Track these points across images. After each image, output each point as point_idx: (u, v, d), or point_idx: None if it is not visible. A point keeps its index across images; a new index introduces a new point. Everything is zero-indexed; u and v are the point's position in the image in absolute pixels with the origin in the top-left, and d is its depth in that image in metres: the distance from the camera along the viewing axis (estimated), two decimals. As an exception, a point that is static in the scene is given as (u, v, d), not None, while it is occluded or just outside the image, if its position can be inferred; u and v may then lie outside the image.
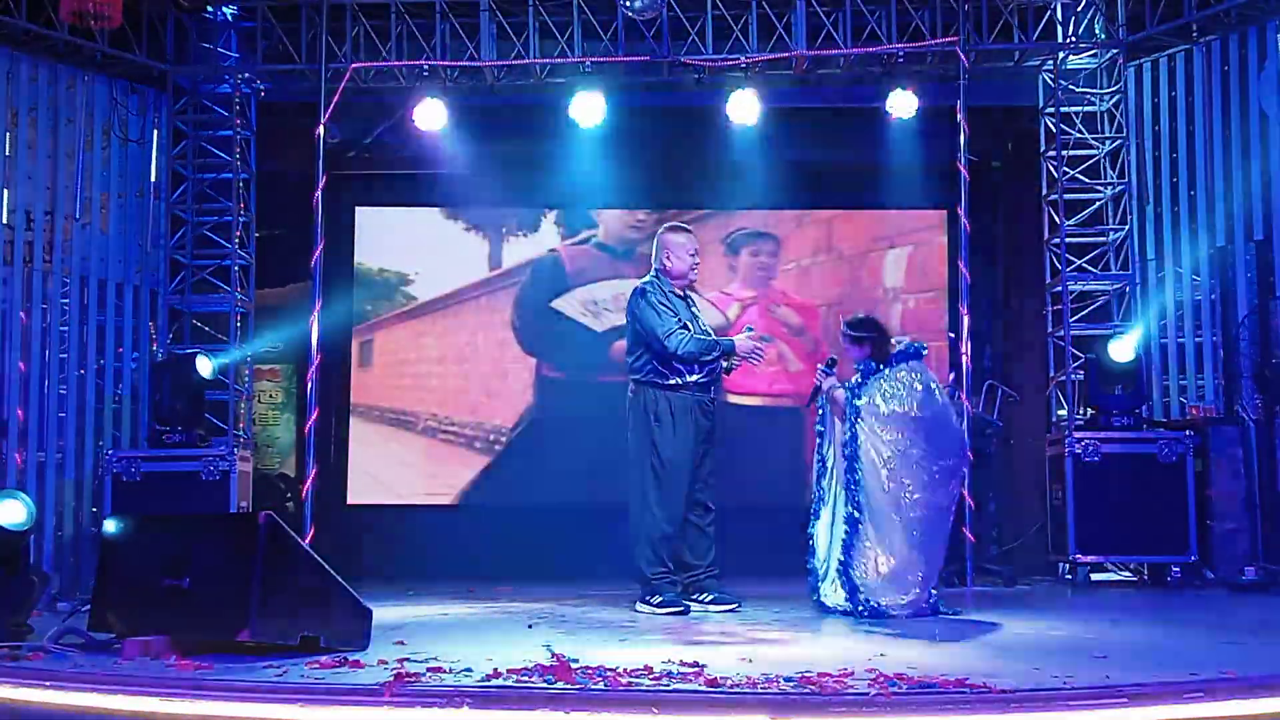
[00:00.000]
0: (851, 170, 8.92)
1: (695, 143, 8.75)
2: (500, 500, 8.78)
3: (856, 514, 5.44)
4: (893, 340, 5.69)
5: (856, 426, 5.45)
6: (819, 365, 5.79)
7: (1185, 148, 7.69)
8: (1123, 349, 7.26)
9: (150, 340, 7.93)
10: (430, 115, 8.01)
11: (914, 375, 5.47)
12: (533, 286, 9.08)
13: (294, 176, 8.21)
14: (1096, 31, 7.87)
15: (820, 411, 5.81)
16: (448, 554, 8.45)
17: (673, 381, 5.78)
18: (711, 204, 8.98)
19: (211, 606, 3.92)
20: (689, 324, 5.82)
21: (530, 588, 7.16)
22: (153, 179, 8.05)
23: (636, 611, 5.69)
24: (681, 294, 5.93)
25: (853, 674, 3.35)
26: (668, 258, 5.93)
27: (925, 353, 5.60)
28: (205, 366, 7.44)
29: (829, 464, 5.72)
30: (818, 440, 5.82)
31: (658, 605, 5.65)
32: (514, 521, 8.71)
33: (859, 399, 5.48)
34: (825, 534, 5.70)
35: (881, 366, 5.54)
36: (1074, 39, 7.86)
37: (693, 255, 5.95)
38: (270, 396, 9.23)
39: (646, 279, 5.98)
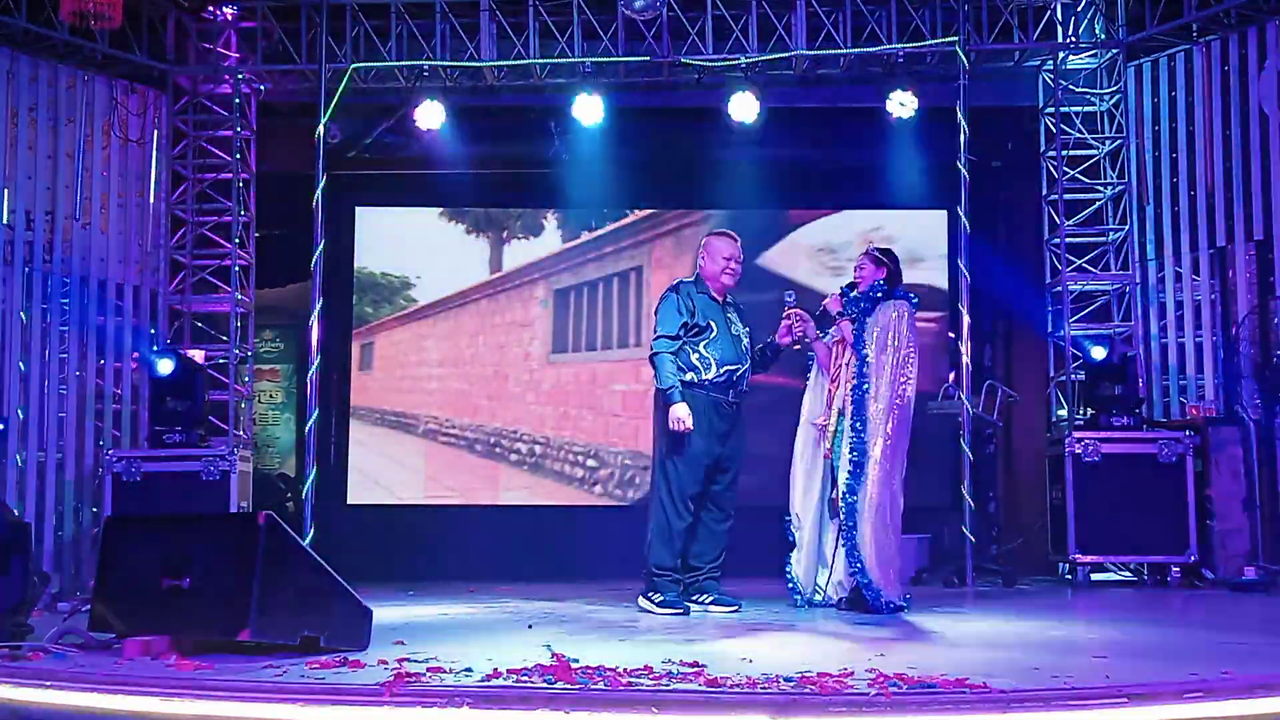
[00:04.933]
0: (851, 170, 8.92)
1: (695, 143, 8.76)
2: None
3: (860, 458, 5.50)
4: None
5: (865, 347, 5.59)
6: (790, 301, 5.90)
7: (1185, 148, 7.70)
8: (1099, 349, 7.30)
9: (150, 340, 7.94)
10: (430, 115, 8.01)
11: (912, 320, 5.69)
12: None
13: (294, 176, 8.22)
14: (1096, 31, 7.88)
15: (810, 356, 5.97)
16: (448, 554, 8.46)
17: (688, 378, 5.76)
18: (711, 204, 8.99)
19: (211, 606, 3.91)
20: (712, 325, 5.77)
21: (530, 588, 7.16)
22: (153, 179, 8.05)
23: (639, 607, 5.70)
24: (719, 298, 5.90)
25: (853, 674, 3.35)
26: (703, 259, 5.95)
27: (918, 304, 5.84)
28: (165, 366, 7.38)
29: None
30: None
31: (658, 604, 5.66)
32: (514, 521, 8.72)
33: (869, 319, 5.64)
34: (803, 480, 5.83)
35: (885, 294, 5.73)
36: (1074, 39, 7.87)
37: (727, 259, 5.88)
38: (270, 396, 9.24)
39: (687, 277, 6.02)
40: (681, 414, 5.64)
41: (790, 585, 5.85)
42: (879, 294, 5.71)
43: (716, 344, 5.76)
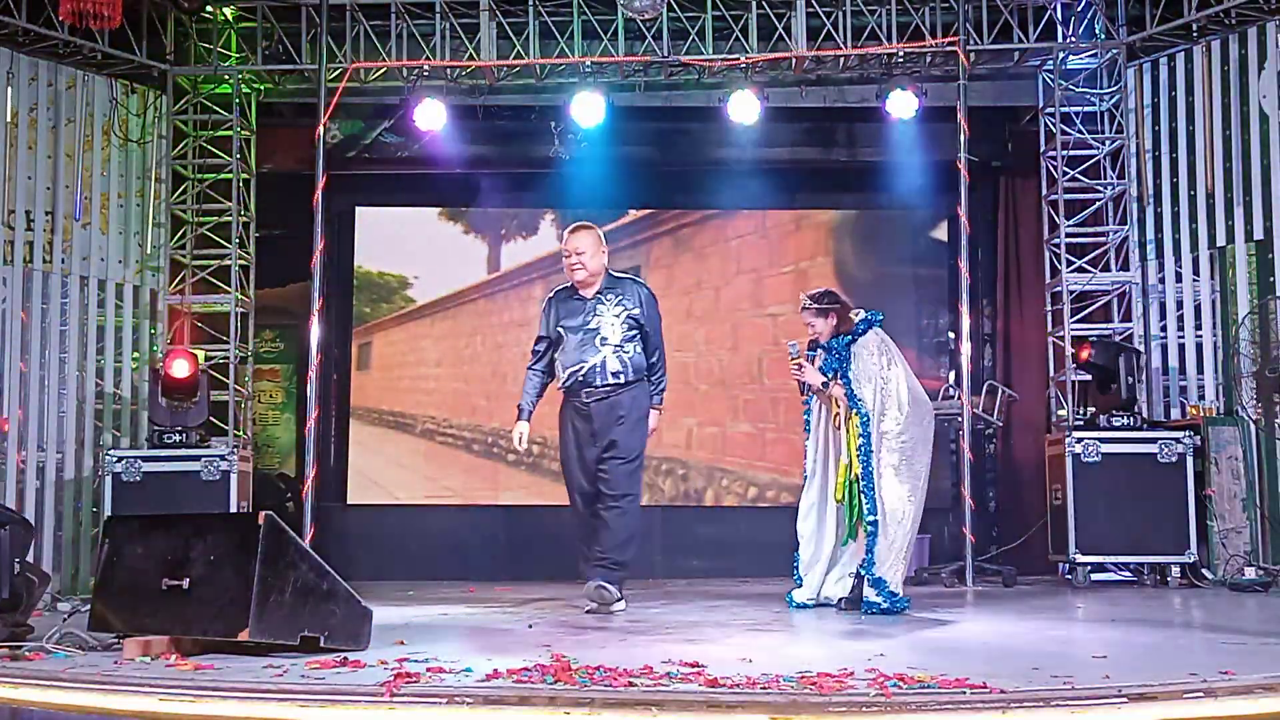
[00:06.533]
0: (851, 170, 8.93)
1: (695, 143, 8.76)
2: (504, 500, 8.79)
3: (874, 516, 5.52)
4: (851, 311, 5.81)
5: (863, 409, 5.56)
6: (794, 353, 5.81)
7: (1185, 148, 7.70)
8: (1084, 350, 7.32)
9: (150, 340, 7.94)
10: (430, 115, 8.01)
11: (882, 340, 5.66)
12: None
13: (294, 176, 8.22)
14: (1096, 31, 7.88)
15: (805, 405, 5.93)
16: (448, 554, 8.46)
17: (557, 385, 5.88)
18: (711, 204, 8.99)
19: (211, 606, 3.91)
20: (563, 333, 5.80)
21: (530, 588, 7.16)
22: (153, 179, 8.05)
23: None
24: (587, 295, 5.81)
25: (853, 674, 3.35)
26: None
27: (882, 319, 5.77)
28: (181, 367, 7.38)
29: (819, 443, 5.87)
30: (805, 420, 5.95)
31: None
32: (514, 521, 8.71)
33: (850, 373, 5.61)
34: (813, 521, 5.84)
35: (851, 338, 5.68)
36: (1074, 39, 7.87)
37: (565, 256, 5.85)
38: (270, 396, 9.23)
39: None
40: (514, 433, 5.90)
41: (790, 606, 5.88)
42: (846, 344, 5.69)
43: (565, 349, 5.81)
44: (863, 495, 5.53)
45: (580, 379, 5.74)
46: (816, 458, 5.86)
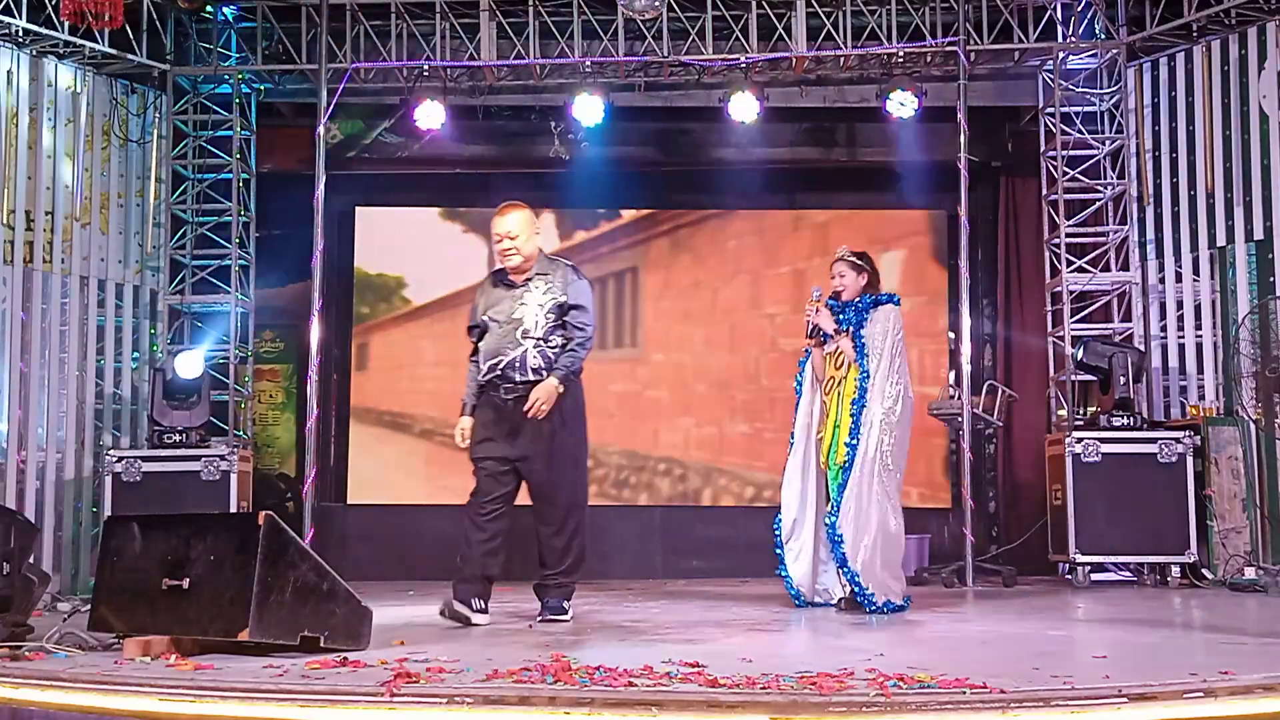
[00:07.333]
0: (851, 170, 8.93)
1: (695, 143, 8.77)
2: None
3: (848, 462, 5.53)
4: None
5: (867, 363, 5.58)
6: (815, 296, 5.82)
7: (1185, 148, 7.70)
8: (1079, 350, 7.35)
9: (150, 340, 7.94)
10: (430, 115, 8.02)
11: (900, 318, 5.70)
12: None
13: (294, 176, 8.22)
14: (1096, 31, 7.88)
15: (800, 369, 5.95)
16: (448, 554, 8.43)
17: (479, 377, 5.49)
18: (710, 204, 8.98)
19: (211, 606, 3.91)
20: (485, 323, 5.43)
21: (529, 588, 7.14)
22: (153, 179, 8.05)
23: None
24: (518, 281, 5.39)
25: (853, 674, 3.35)
26: None
27: (899, 303, 5.82)
28: (187, 367, 7.37)
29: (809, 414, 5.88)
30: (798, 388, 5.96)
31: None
32: (513, 521, 8.69)
33: (863, 332, 5.63)
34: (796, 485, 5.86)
35: (875, 301, 5.72)
36: (1074, 39, 7.87)
37: (496, 240, 5.40)
38: (270, 396, 9.22)
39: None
40: (456, 430, 5.49)
41: (789, 589, 5.86)
42: (868, 303, 5.71)
43: (487, 340, 5.43)
44: (845, 446, 5.51)
45: (499, 373, 5.36)
46: (803, 424, 5.86)
